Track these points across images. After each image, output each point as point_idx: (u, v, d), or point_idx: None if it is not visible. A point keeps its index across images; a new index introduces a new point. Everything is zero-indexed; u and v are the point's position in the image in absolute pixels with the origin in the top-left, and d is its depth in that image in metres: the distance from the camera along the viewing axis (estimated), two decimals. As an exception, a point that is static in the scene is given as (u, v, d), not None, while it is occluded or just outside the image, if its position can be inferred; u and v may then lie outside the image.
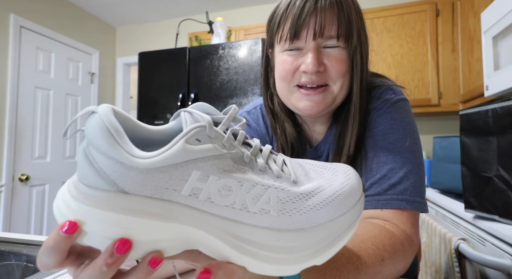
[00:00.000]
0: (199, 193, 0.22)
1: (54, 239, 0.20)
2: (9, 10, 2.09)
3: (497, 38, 1.23)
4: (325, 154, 0.56)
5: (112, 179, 0.21)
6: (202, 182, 0.22)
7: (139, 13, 2.78)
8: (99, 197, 0.21)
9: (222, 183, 0.22)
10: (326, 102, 0.48)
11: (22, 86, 2.13)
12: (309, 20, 0.44)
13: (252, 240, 0.23)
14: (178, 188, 0.21)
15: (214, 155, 0.22)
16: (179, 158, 0.21)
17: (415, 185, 0.45)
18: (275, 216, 0.23)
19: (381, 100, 0.51)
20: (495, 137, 0.72)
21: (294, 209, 0.24)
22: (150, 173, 0.21)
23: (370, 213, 0.45)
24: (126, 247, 0.21)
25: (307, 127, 0.58)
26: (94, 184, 0.21)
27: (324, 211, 0.24)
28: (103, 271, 0.21)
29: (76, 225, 0.20)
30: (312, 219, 0.24)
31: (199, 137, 0.22)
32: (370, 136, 0.49)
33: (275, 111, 0.57)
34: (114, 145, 0.21)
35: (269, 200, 0.23)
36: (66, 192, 0.22)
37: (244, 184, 0.23)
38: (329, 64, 0.46)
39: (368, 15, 2.00)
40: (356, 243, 0.36)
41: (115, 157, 0.20)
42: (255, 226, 0.23)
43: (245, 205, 0.23)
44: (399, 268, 0.39)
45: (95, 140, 0.21)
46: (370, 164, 0.48)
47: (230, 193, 0.22)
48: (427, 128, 2.19)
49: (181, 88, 1.82)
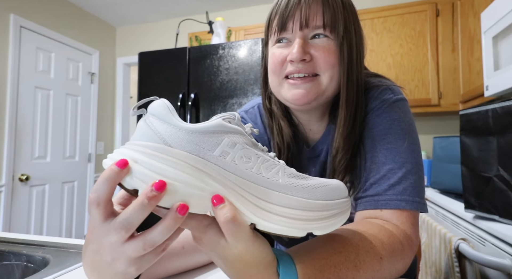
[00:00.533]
0: (226, 156, 0.28)
1: (109, 171, 0.26)
2: (9, 10, 2.09)
3: (497, 38, 1.23)
4: (323, 153, 0.56)
5: (164, 137, 0.28)
6: (230, 148, 0.28)
7: (139, 13, 2.78)
8: (151, 146, 0.27)
9: (244, 152, 0.29)
10: (314, 91, 0.48)
11: (22, 86, 2.13)
12: (294, 11, 0.47)
13: (265, 199, 0.28)
14: (212, 149, 0.28)
15: (240, 133, 0.30)
16: (216, 127, 0.29)
17: (415, 185, 0.45)
18: (283, 184, 0.29)
19: (379, 100, 0.50)
20: (495, 137, 0.72)
21: (297, 183, 0.30)
22: (194, 134, 0.28)
23: (369, 213, 0.45)
24: (163, 187, 0.25)
25: (302, 127, 0.58)
26: (148, 140, 0.28)
27: (320, 191, 0.30)
28: (144, 204, 0.25)
29: (127, 162, 0.26)
30: (312, 193, 0.29)
31: (230, 121, 0.30)
32: (369, 136, 0.49)
33: (272, 110, 0.57)
34: (169, 115, 0.28)
35: (278, 172, 0.30)
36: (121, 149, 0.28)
37: (261, 157, 0.30)
38: (316, 54, 0.47)
39: (368, 15, 2.00)
40: (355, 242, 0.36)
41: (169, 121, 0.28)
42: (268, 188, 0.29)
43: (260, 172, 0.29)
44: (398, 267, 0.39)
45: (157, 112, 0.28)
46: (369, 165, 0.48)
47: (249, 160, 0.29)
48: (427, 128, 2.19)
49: (181, 88, 1.82)
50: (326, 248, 0.33)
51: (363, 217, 0.46)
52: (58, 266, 0.50)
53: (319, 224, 0.29)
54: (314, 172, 0.56)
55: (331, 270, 0.32)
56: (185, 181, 0.26)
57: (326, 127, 0.56)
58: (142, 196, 0.25)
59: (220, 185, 0.28)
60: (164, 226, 0.26)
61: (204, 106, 1.77)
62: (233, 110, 1.71)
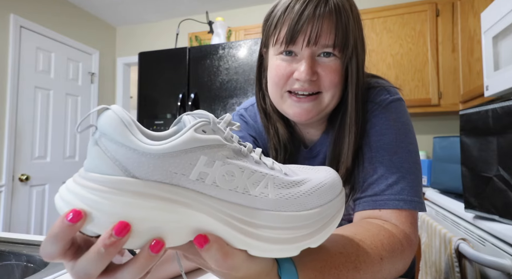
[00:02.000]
0: (205, 178, 0.24)
1: (59, 227, 0.21)
2: (9, 10, 2.09)
3: (497, 38, 1.23)
4: (321, 155, 0.56)
5: (124, 165, 0.22)
6: (209, 167, 0.24)
7: (139, 13, 2.78)
8: (110, 181, 0.22)
9: (226, 169, 0.25)
10: (316, 110, 0.48)
11: (22, 86, 2.13)
12: (306, 26, 0.44)
13: (254, 222, 0.25)
14: (187, 172, 0.23)
15: (218, 144, 0.25)
16: (188, 144, 0.23)
17: (412, 185, 0.45)
18: (273, 199, 0.26)
19: (376, 101, 0.50)
20: (495, 137, 0.72)
21: (289, 193, 0.26)
22: (162, 158, 0.23)
23: (368, 213, 0.45)
24: (126, 230, 0.21)
25: (299, 129, 0.58)
26: (105, 171, 0.22)
27: (314, 196, 0.27)
28: (100, 253, 0.21)
29: (81, 214, 0.21)
30: (305, 203, 0.27)
31: (204, 129, 0.25)
32: (366, 137, 0.49)
33: (267, 111, 0.57)
34: (127, 134, 0.22)
35: (267, 186, 0.26)
36: (71, 184, 0.23)
37: (245, 170, 0.25)
38: (322, 73, 0.46)
39: (368, 15, 2.00)
40: (355, 242, 0.36)
41: (128, 144, 0.22)
42: (257, 208, 0.25)
43: (247, 189, 0.25)
44: (398, 267, 0.39)
45: (109, 130, 0.22)
46: (367, 165, 0.48)
47: (233, 178, 0.25)
48: (427, 128, 2.19)
49: (181, 88, 1.82)
50: (326, 249, 0.33)
51: (362, 217, 0.46)
52: (58, 266, 0.50)
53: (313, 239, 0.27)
54: None
55: (332, 271, 0.31)
56: (156, 218, 0.22)
57: (323, 131, 0.56)
58: (99, 244, 0.21)
59: (201, 213, 0.24)
60: (136, 267, 0.22)
61: (204, 106, 1.77)
62: (233, 110, 1.71)
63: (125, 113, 0.23)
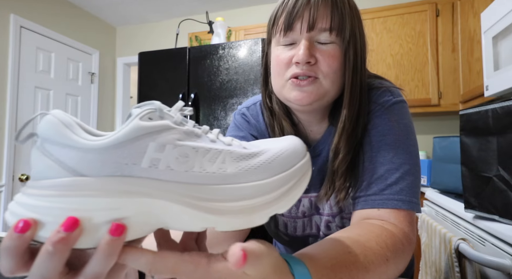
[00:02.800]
0: (158, 163, 0.23)
1: (9, 240, 0.20)
2: (9, 10, 2.09)
3: (497, 38, 1.23)
4: (324, 153, 0.56)
5: (70, 166, 0.21)
6: (159, 152, 0.23)
7: (139, 13, 2.78)
8: (58, 184, 0.21)
9: (178, 151, 0.24)
10: (316, 93, 0.48)
11: (22, 86, 2.13)
12: (302, 12, 0.46)
13: (216, 198, 0.24)
14: (137, 161, 0.23)
15: (167, 128, 0.24)
16: (134, 133, 0.23)
17: (411, 186, 0.45)
18: (233, 173, 0.25)
19: (379, 102, 0.51)
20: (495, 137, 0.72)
21: (248, 164, 0.26)
22: (109, 151, 0.22)
23: (367, 213, 0.45)
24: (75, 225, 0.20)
25: (303, 127, 0.58)
26: (53, 176, 0.21)
27: (275, 164, 0.26)
28: (49, 252, 0.20)
29: (29, 223, 0.20)
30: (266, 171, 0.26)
31: (151, 117, 0.24)
32: (368, 136, 0.50)
33: (273, 110, 0.57)
34: (68, 134, 0.22)
35: (224, 161, 0.25)
36: (20, 196, 0.22)
37: (199, 150, 0.25)
38: (321, 58, 0.47)
39: (368, 15, 2.00)
40: (361, 243, 0.36)
41: (71, 144, 0.22)
42: (216, 184, 0.24)
43: (204, 168, 0.24)
44: (400, 267, 0.40)
45: (49, 134, 0.22)
46: (367, 165, 0.48)
47: (187, 159, 0.24)
48: (427, 128, 2.19)
49: (181, 88, 1.82)
50: (335, 249, 0.33)
51: (361, 217, 0.46)
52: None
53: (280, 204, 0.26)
54: (315, 171, 0.57)
55: (343, 270, 0.31)
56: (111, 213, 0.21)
57: (326, 128, 0.57)
58: (47, 243, 0.20)
59: (159, 200, 0.23)
60: (100, 254, 0.21)
61: (204, 106, 1.77)
62: (233, 110, 1.71)
63: (66, 116, 0.23)
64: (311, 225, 0.58)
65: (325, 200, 0.54)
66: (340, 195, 0.51)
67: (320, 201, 0.55)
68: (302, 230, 0.59)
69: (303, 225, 0.59)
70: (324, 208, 0.56)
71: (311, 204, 0.57)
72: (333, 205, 0.54)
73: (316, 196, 0.56)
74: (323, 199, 0.53)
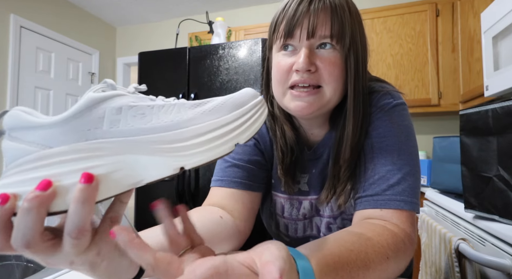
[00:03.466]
0: (118, 123, 0.25)
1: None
2: (9, 10, 2.09)
3: (497, 38, 1.23)
4: (324, 156, 0.56)
5: (39, 142, 0.24)
6: (118, 114, 0.25)
7: (139, 13, 2.78)
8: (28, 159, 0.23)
9: (135, 110, 0.26)
10: (318, 104, 0.48)
11: (22, 86, 2.13)
12: (302, 19, 0.46)
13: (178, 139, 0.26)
14: (99, 125, 0.25)
15: (119, 95, 0.26)
16: (89, 103, 0.25)
17: (412, 187, 0.46)
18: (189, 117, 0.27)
19: (379, 105, 0.51)
20: (495, 137, 0.72)
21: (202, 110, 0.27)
22: (69, 122, 0.24)
23: (369, 213, 0.45)
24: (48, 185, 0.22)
25: (303, 131, 0.58)
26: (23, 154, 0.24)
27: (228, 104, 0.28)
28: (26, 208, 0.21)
29: (7, 195, 0.22)
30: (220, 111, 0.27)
31: (104, 90, 0.27)
32: (369, 138, 0.50)
33: (274, 114, 0.57)
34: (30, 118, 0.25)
35: (180, 110, 0.27)
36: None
37: (154, 107, 0.27)
38: (321, 65, 0.46)
39: (368, 15, 2.00)
40: (363, 241, 0.36)
41: (34, 125, 0.24)
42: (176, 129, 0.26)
43: (161, 119, 0.26)
44: (400, 266, 0.40)
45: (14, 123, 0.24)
46: (369, 166, 0.48)
47: (144, 115, 0.26)
48: (427, 128, 2.19)
49: (181, 88, 1.82)
50: (337, 247, 0.34)
51: (363, 217, 0.46)
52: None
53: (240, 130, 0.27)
54: (315, 174, 0.57)
55: (344, 267, 0.32)
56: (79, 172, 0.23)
57: (327, 131, 0.57)
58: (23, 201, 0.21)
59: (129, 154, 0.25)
60: (74, 203, 0.22)
61: (204, 106, 1.77)
62: (233, 110, 1.71)
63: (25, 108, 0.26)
64: (312, 226, 0.59)
65: (325, 203, 0.54)
66: (341, 199, 0.51)
67: (321, 204, 0.55)
68: (303, 231, 0.59)
69: (303, 226, 0.59)
70: (324, 210, 0.56)
71: (311, 206, 0.57)
72: (334, 207, 0.54)
73: (316, 198, 0.56)
74: (324, 202, 0.54)
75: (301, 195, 0.58)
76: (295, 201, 0.58)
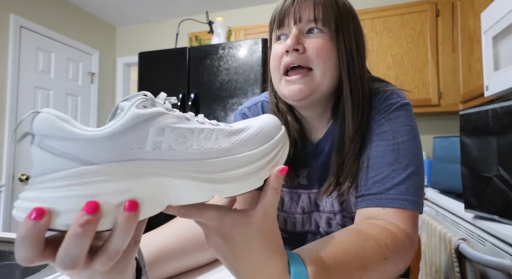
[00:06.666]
0: (161, 145, 0.25)
1: (24, 228, 0.20)
2: (9, 10, 2.09)
3: (497, 38, 1.23)
4: (326, 151, 0.57)
5: (79, 157, 0.22)
6: (160, 135, 0.25)
7: (139, 13, 2.78)
8: (69, 174, 0.22)
9: (177, 133, 0.26)
10: (308, 86, 0.49)
11: (22, 86, 2.13)
12: (289, 9, 0.51)
13: (217, 170, 0.27)
14: (142, 145, 0.25)
15: (161, 115, 0.26)
16: (134, 120, 0.25)
17: (417, 187, 0.46)
18: (227, 147, 0.28)
19: (386, 103, 0.52)
20: (495, 137, 0.72)
21: (238, 139, 0.29)
22: (113, 139, 0.23)
23: (372, 211, 0.45)
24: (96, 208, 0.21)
25: (305, 123, 0.59)
26: (58, 169, 0.22)
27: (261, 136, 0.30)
28: (78, 233, 0.21)
29: (43, 210, 0.21)
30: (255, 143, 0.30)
31: (145, 105, 0.26)
32: (375, 136, 0.50)
33: (279, 107, 0.59)
34: (68, 128, 0.23)
35: (218, 137, 0.28)
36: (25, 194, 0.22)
37: (194, 130, 0.27)
38: (309, 46, 0.49)
39: (368, 15, 2.00)
40: (360, 242, 0.36)
41: (73, 136, 0.23)
42: (214, 158, 0.27)
43: (201, 145, 0.27)
44: (400, 267, 0.40)
45: (48, 130, 0.22)
46: (374, 164, 0.48)
47: (185, 139, 0.27)
48: (427, 128, 2.19)
49: (181, 88, 1.82)
50: (334, 248, 0.34)
51: (365, 215, 0.46)
52: (58, 266, 0.50)
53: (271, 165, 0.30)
54: (315, 168, 0.58)
55: (340, 269, 0.32)
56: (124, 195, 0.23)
57: (328, 125, 0.57)
58: (74, 225, 0.21)
59: (166, 178, 0.25)
60: (119, 231, 0.23)
61: (204, 106, 1.77)
62: (233, 110, 1.71)
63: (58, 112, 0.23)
64: (310, 221, 0.59)
65: (325, 196, 0.55)
66: (341, 193, 0.52)
67: (319, 197, 0.56)
68: (302, 226, 0.60)
69: (302, 221, 0.59)
70: (325, 206, 0.56)
71: (310, 201, 0.58)
72: (335, 202, 0.54)
73: (316, 192, 0.57)
74: (325, 194, 0.54)
75: (300, 189, 0.59)
76: (294, 194, 0.59)
